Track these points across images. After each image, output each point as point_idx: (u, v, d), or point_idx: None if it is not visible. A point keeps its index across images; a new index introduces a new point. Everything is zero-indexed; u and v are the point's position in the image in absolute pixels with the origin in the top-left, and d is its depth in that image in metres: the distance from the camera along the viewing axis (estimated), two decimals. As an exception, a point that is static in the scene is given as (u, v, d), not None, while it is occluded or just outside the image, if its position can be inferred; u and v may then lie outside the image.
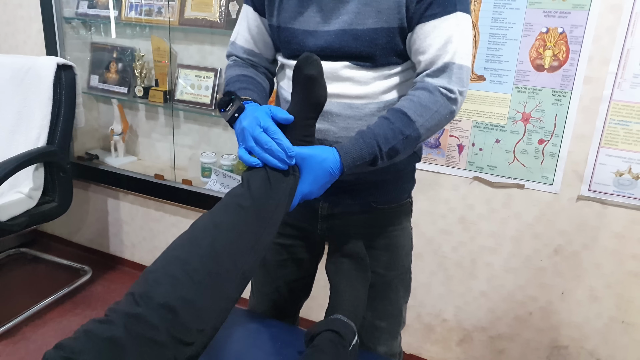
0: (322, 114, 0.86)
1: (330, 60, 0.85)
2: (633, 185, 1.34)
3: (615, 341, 1.45)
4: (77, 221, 2.31)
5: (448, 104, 0.82)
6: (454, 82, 0.82)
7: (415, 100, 0.81)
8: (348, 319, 0.92)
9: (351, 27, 0.83)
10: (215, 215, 0.74)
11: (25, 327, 1.81)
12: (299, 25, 0.87)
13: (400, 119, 0.80)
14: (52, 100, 1.78)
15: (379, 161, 0.81)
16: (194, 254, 0.67)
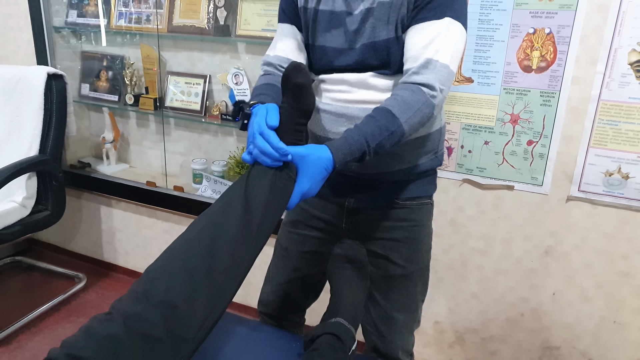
0: (350, 118, 0.96)
1: (358, 72, 0.96)
2: (622, 185, 1.34)
3: (607, 341, 1.45)
4: (71, 229, 2.31)
5: (430, 101, 0.87)
6: (436, 79, 0.87)
7: (399, 99, 0.86)
8: (349, 323, 0.94)
9: (370, 40, 0.93)
10: (213, 215, 0.76)
11: (21, 335, 1.82)
12: (329, 44, 0.97)
13: (385, 117, 0.85)
14: (43, 109, 1.78)
15: (366, 157, 0.85)
16: (193, 252, 0.70)
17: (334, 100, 0.99)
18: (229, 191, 0.81)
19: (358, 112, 0.96)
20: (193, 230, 0.75)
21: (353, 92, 0.97)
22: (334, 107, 0.99)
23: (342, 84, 0.98)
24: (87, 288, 2.14)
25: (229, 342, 1.04)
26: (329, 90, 1.01)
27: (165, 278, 0.67)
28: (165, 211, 2.01)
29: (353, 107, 0.97)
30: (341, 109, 0.98)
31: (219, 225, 0.74)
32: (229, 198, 0.78)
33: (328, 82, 1.00)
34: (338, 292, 1.02)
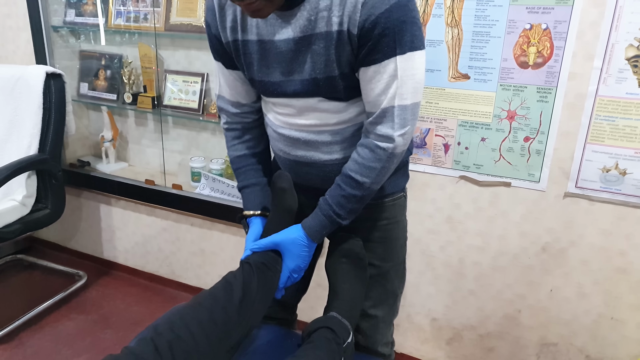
0: (307, 143, 0.97)
1: (305, 97, 0.92)
2: (620, 181, 1.33)
3: (605, 337, 1.44)
4: (71, 227, 2.33)
5: (391, 154, 0.89)
6: (396, 125, 0.86)
7: (360, 162, 0.90)
8: (343, 317, 0.96)
9: (311, 76, 0.88)
10: (215, 288, 0.90)
11: (22, 332, 1.84)
12: (268, 78, 0.93)
13: (350, 184, 0.91)
14: (42, 108, 1.79)
15: (342, 222, 0.94)
16: (195, 317, 0.81)
17: (287, 124, 0.98)
18: (230, 277, 0.93)
19: (313, 136, 0.95)
20: (197, 300, 0.87)
21: (303, 117, 0.94)
22: (288, 130, 0.98)
23: (289, 107, 0.95)
24: (88, 286, 2.15)
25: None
26: (279, 112, 0.98)
27: (174, 328, 0.78)
28: (164, 209, 2.02)
29: (307, 131, 0.95)
30: (296, 134, 0.97)
31: (216, 306, 0.86)
32: (228, 284, 0.91)
33: (277, 105, 0.98)
34: (335, 287, 1.03)
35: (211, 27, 0.95)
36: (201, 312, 0.82)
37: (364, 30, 0.80)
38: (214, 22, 0.94)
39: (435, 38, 1.42)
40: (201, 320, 0.80)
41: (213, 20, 0.94)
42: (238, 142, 1.08)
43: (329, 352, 0.87)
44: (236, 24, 0.91)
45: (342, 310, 0.98)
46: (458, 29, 1.40)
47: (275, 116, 1.00)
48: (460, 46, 1.41)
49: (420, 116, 1.50)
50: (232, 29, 0.92)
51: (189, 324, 0.78)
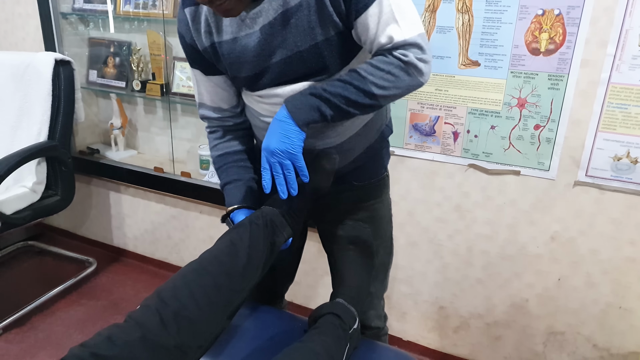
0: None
1: (290, 84, 0.90)
2: (631, 169, 1.32)
3: (613, 327, 1.44)
4: (81, 215, 2.35)
5: (402, 65, 0.83)
6: (410, 55, 0.83)
7: (368, 62, 0.85)
8: (350, 304, 0.97)
9: (293, 51, 0.87)
10: (220, 251, 0.89)
11: (33, 317, 1.87)
12: (248, 72, 0.92)
13: (351, 76, 0.84)
14: (51, 95, 1.80)
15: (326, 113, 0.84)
16: (200, 284, 0.81)
17: (273, 113, 0.93)
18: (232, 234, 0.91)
19: None
20: (202, 262, 0.85)
21: None
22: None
23: (275, 98, 0.94)
24: (98, 272, 2.18)
25: (233, 325, 1.06)
26: (265, 102, 0.97)
27: (174, 302, 0.76)
28: (173, 197, 2.03)
29: None
30: None
31: (221, 265, 0.85)
32: (230, 241, 0.89)
33: (264, 97, 0.96)
34: (341, 273, 1.04)
35: (185, 37, 0.94)
36: (206, 279, 0.80)
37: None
38: (188, 32, 0.93)
39: (446, 24, 1.40)
40: (205, 287, 0.79)
41: (187, 30, 0.93)
42: (219, 142, 1.07)
43: (335, 337, 0.88)
44: (210, 28, 0.90)
45: (349, 297, 0.99)
46: (469, 15, 1.38)
47: (263, 107, 0.98)
48: (471, 32, 1.40)
49: (429, 104, 1.49)
50: (206, 33, 0.91)
51: (194, 292, 0.77)
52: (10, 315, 1.83)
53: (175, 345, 0.72)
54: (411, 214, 1.62)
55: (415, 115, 1.53)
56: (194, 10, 0.91)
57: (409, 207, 1.61)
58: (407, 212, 1.62)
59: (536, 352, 1.57)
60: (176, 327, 0.73)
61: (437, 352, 1.72)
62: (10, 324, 1.81)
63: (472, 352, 1.68)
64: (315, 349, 0.83)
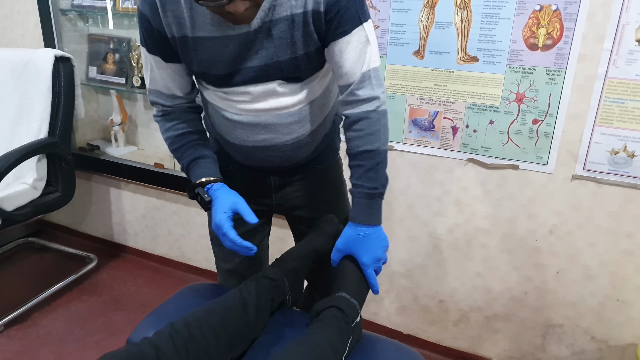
0: (266, 126, 0.98)
1: (262, 82, 0.93)
2: (628, 163, 1.33)
3: (610, 319, 1.46)
4: (81, 211, 2.36)
5: (382, 112, 0.95)
6: (375, 86, 0.93)
7: (363, 134, 0.94)
8: (352, 297, 0.97)
9: (273, 60, 0.90)
10: (229, 298, 0.94)
11: (35, 313, 1.88)
12: (220, 71, 0.92)
13: (367, 157, 0.95)
14: (51, 92, 1.80)
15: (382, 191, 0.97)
16: (208, 320, 0.86)
17: (243, 110, 0.97)
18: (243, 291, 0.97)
19: (273, 118, 0.97)
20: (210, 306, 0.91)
21: (261, 102, 0.95)
22: (246, 117, 0.97)
23: (245, 95, 0.95)
24: (99, 268, 2.19)
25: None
26: (232, 100, 0.96)
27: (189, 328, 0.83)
28: (174, 193, 2.04)
29: (267, 115, 0.97)
30: (254, 119, 0.97)
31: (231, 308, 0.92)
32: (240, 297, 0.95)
33: (231, 94, 0.96)
34: (342, 267, 1.05)
35: (151, 21, 0.91)
36: (214, 317, 0.86)
37: (329, 5, 0.85)
38: (156, 17, 0.90)
39: (444, 20, 1.42)
40: (213, 325, 0.85)
41: (154, 14, 0.90)
42: (177, 122, 1.02)
43: (338, 330, 0.89)
44: (183, 20, 0.88)
45: (350, 290, 0.99)
46: (467, 11, 1.39)
47: (228, 104, 0.98)
48: (469, 28, 1.41)
49: (428, 99, 1.50)
50: (178, 25, 0.89)
51: (203, 327, 0.83)
52: (12, 311, 1.84)
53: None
54: (411, 208, 1.63)
55: (415, 111, 1.54)
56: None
57: (409, 201, 1.62)
58: (407, 206, 1.63)
59: (535, 344, 1.59)
60: (185, 352, 0.78)
61: (437, 346, 1.74)
62: (12, 320, 1.82)
63: (471, 345, 1.69)
64: (319, 341, 0.84)
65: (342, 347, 0.87)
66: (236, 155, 1.08)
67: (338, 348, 0.85)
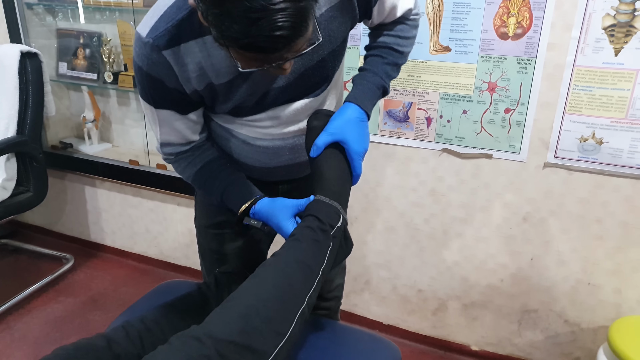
0: (293, 148, 0.95)
1: (292, 101, 0.87)
2: (597, 150, 1.36)
3: (583, 302, 1.49)
4: (56, 210, 2.31)
5: (417, 22, 0.97)
6: (415, 4, 0.94)
7: (401, 35, 0.93)
8: (331, 199, 0.82)
9: (300, 70, 0.83)
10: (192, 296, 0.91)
11: (9, 316, 1.84)
12: (250, 102, 0.85)
13: (393, 55, 0.93)
14: (18, 89, 1.76)
15: (388, 87, 0.94)
16: (165, 315, 0.83)
17: (269, 135, 0.91)
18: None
19: (300, 140, 0.92)
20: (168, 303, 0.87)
21: (290, 125, 0.90)
22: (271, 142, 0.92)
23: (273, 120, 0.89)
24: (75, 268, 2.15)
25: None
26: (260, 126, 0.90)
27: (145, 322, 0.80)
28: (150, 190, 2.01)
29: (293, 137, 0.92)
30: (279, 143, 0.92)
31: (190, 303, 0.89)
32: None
33: (257, 120, 0.89)
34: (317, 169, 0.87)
35: (165, 82, 0.80)
36: (172, 311, 0.83)
37: None
38: (171, 76, 0.80)
39: (417, 10, 1.42)
40: (171, 318, 0.81)
41: (169, 74, 0.79)
42: (192, 159, 0.94)
43: (312, 243, 0.75)
44: (204, 71, 0.80)
45: (329, 192, 0.83)
46: (439, 1, 1.40)
47: (252, 130, 0.91)
48: (441, 18, 1.41)
49: (402, 90, 1.51)
50: (199, 77, 0.80)
51: (159, 320, 0.80)
52: (-15, 315, 1.80)
53: (138, 355, 0.72)
54: (388, 199, 1.64)
55: (389, 102, 1.54)
56: (175, 53, 0.78)
57: (385, 193, 1.63)
58: (384, 197, 1.64)
59: (512, 330, 1.62)
60: (140, 344, 0.75)
61: (417, 335, 1.76)
62: (-15, 323, 1.78)
63: (450, 333, 1.72)
64: (286, 262, 0.72)
65: (317, 261, 0.75)
66: (249, 172, 0.99)
67: (311, 264, 0.73)
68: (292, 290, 0.69)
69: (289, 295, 0.68)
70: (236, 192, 0.90)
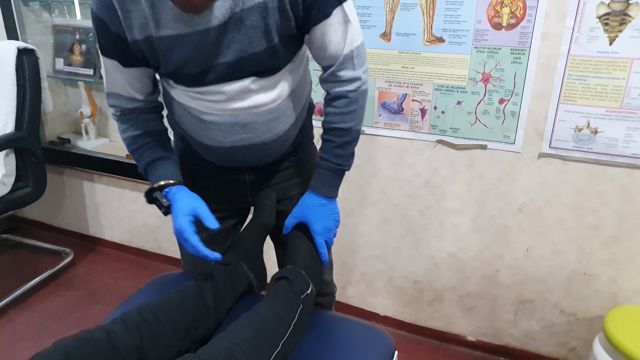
0: (244, 126, 0.95)
1: (237, 80, 0.89)
2: (592, 139, 1.35)
3: (578, 292, 1.50)
4: (55, 206, 2.33)
5: (362, 93, 0.96)
6: (356, 66, 0.93)
7: (339, 112, 0.96)
8: (302, 269, 0.98)
9: (248, 52, 0.86)
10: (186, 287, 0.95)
11: (10, 310, 1.86)
12: (192, 70, 0.88)
13: (339, 135, 0.97)
14: (15, 85, 1.77)
15: (346, 169, 1.00)
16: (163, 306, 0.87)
17: (220, 110, 0.93)
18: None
19: (251, 117, 0.94)
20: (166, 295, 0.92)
21: (238, 101, 0.92)
22: (222, 117, 0.93)
23: (219, 95, 0.91)
24: (75, 262, 2.17)
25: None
26: (207, 100, 0.92)
27: (142, 313, 0.84)
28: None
29: (245, 114, 0.93)
30: (231, 119, 0.93)
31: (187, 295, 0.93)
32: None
33: (204, 93, 0.92)
34: (290, 242, 1.05)
35: (109, 25, 0.86)
36: (169, 303, 0.86)
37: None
38: (115, 21, 0.85)
39: (409, 1, 1.41)
40: (168, 310, 0.85)
41: (112, 17, 0.85)
42: (135, 122, 0.98)
43: (286, 300, 0.89)
44: (146, 21, 0.84)
45: (300, 264, 0.99)
46: (432, -8, 1.39)
47: (202, 104, 0.93)
48: (434, 9, 1.40)
49: (396, 82, 1.50)
50: (141, 26, 0.84)
51: (157, 312, 0.83)
52: (-14, 308, 1.83)
53: (137, 347, 0.76)
54: (383, 191, 1.64)
55: (383, 94, 1.54)
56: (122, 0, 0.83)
57: (381, 185, 1.63)
58: (379, 190, 1.64)
59: (508, 320, 1.63)
60: (138, 334, 0.78)
61: (414, 326, 1.77)
62: (-14, 317, 1.80)
63: (447, 324, 1.72)
64: (264, 312, 0.85)
65: (289, 315, 0.88)
66: (209, 156, 1.03)
67: (284, 316, 0.87)
68: (268, 334, 0.82)
69: (266, 338, 0.81)
70: (162, 168, 0.97)
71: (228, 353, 0.74)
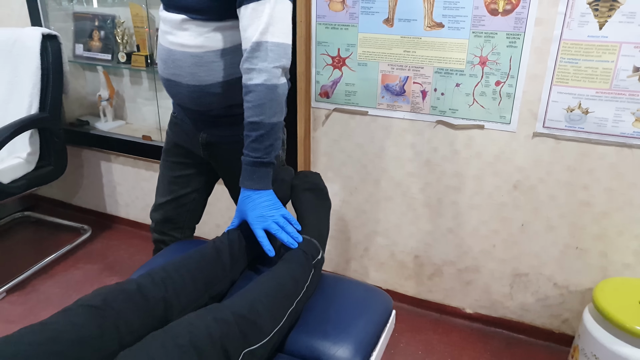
0: (174, 61, 1.08)
1: (173, 13, 1.05)
2: (583, 119, 1.43)
3: (570, 266, 1.57)
4: (74, 185, 2.44)
5: (271, 87, 0.99)
6: (269, 58, 0.97)
7: (250, 105, 1.00)
8: (313, 238, 1.08)
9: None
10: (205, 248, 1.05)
11: (34, 280, 1.97)
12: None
13: (252, 129, 1.01)
14: (40, 69, 1.87)
15: (266, 160, 1.03)
16: (184, 264, 0.98)
17: (163, 41, 1.10)
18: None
19: (179, 55, 1.06)
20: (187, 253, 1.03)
21: (173, 34, 1.06)
22: (162, 48, 1.10)
23: (165, 23, 1.08)
24: (92, 238, 2.28)
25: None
26: (161, 29, 1.11)
27: (167, 270, 0.94)
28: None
29: (175, 50, 1.07)
30: (166, 52, 1.09)
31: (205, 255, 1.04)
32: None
33: (161, 20, 1.10)
34: (302, 215, 1.16)
35: None
36: (189, 261, 0.97)
37: None
38: None
39: (412, -12, 1.49)
40: (189, 267, 0.95)
41: None
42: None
43: (300, 264, 1.01)
44: None
45: (311, 233, 1.11)
46: (434, -21, 1.47)
47: (161, 27, 1.11)
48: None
49: (399, 65, 1.59)
50: None
51: (179, 269, 0.94)
52: (12, 279, 1.93)
53: (163, 298, 0.87)
54: (385, 170, 1.73)
55: (386, 77, 1.62)
56: None
57: (383, 164, 1.72)
58: (382, 168, 1.73)
59: (504, 293, 1.71)
60: (164, 287, 0.89)
61: (414, 299, 1.86)
62: (12, 287, 1.91)
63: (445, 297, 1.81)
64: (281, 273, 0.97)
65: (303, 278, 0.99)
66: (164, 87, 1.17)
67: (299, 279, 0.98)
68: (285, 294, 0.93)
69: (283, 296, 0.92)
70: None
71: (250, 305, 0.85)
